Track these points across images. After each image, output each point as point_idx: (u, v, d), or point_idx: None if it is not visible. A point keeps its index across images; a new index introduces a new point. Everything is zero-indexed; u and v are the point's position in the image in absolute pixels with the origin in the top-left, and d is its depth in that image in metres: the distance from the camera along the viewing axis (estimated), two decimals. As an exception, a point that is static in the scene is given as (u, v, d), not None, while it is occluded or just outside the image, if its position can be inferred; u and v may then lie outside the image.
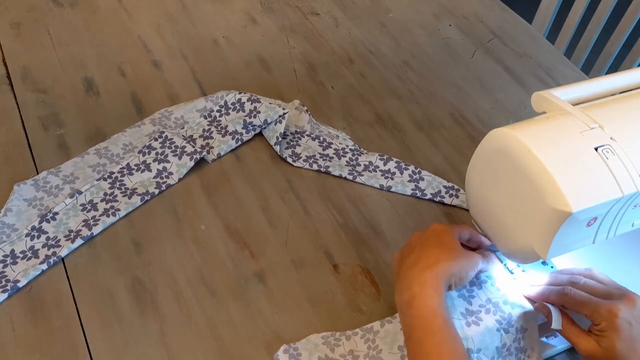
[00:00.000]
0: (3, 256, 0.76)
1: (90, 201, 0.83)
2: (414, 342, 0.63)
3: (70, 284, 0.76)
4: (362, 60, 1.11)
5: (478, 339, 0.67)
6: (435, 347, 0.62)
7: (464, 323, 0.68)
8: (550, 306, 0.67)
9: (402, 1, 1.25)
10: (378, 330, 0.73)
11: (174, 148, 0.89)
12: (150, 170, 0.87)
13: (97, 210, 0.82)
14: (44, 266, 0.76)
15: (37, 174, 0.86)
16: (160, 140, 0.90)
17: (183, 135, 0.92)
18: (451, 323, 0.64)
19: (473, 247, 0.74)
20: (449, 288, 0.67)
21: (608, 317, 0.63)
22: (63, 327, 0.72)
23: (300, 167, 0.91)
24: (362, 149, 0.94)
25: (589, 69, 1.39)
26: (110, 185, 0.85)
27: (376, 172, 0.91)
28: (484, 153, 0.68)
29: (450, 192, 0.90)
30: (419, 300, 0.64)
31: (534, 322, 0.70)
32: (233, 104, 0.96)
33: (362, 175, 0.90)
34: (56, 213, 0.81)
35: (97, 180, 0.85)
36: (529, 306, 0.70)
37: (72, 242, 0.78)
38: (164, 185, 0.86)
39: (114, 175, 0.86)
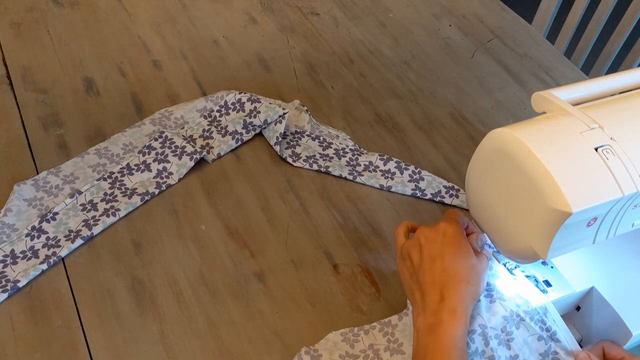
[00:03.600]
0: (3, 256, 0.76)
1: (90, 201, 0.83)
2: None
3: (70, 284, 0.76)
4: (362, 60, 1.11)
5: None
6: None
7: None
8: None
9: (402, 1, 1.25)
10: (396, 324, 0.73)
11: (174, 148, 0.89)
12: (150, 170, 0.87)
13: (97, 210, 0.82)
14: (44, 266, 0.76)
15: (37, 174, 0.86)
16: (160, 140, 0.90)
17: (183, 135, 0.92)
18: (467, 356, 0.63)
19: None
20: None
21: None
22: (63, 327, 0.72)
23: (300, 167, 0.91)
24: (362, 149, 0.94)
25: (589, 69, 1.39)
26: (110, 185, 0.85)
27: (376, 172, 0.91)
28: (484, 153, 0.68)
29: (450, 192, 0.90)
30: (444, 326, 0.63)
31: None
32: (233, 104, 0.96)
33: (362, 175, 0.90)
34: (56, 213, 0.81)
35: (97, 180, 0.85)
36: (526, 299, 0.70)
37: (72, 242, 0.78)
38: (164, 185, 0.86)
39: (114, 175, 0.86)
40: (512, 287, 0.71)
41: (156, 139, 0.90)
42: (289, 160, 0.91)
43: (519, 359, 0.67)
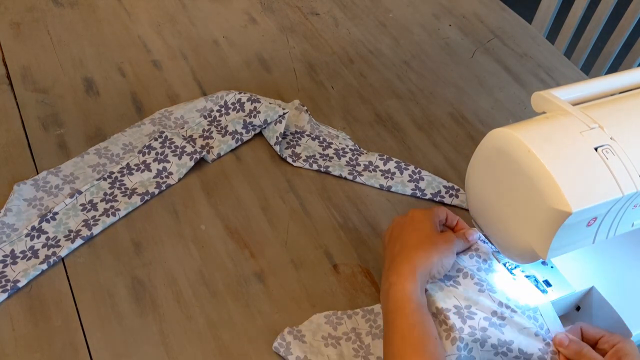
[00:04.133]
0: (3, 256, 0.76)
1: (90, 201, 0.83)
2: (389, 326, 0.66)
3: (70, 284, 0.76)
4: (362, 60, 1.11)
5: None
6: (407, 328, 0.64)
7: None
8: None
9: (402, 1, 1.25)
10: (379, 312, 0.74)
11: (174, 148, 0.89)
12: (150, 170, 0.87)
13: (97, 210, 0.82)
14: (44, 266, 0.76)
15: (37, 174, 0.86)
16: (160, 140, 0.90)
17: (183, 135, 0.92)
18: (425, 309, 0.66)
19: (451, 226, 0.77)
20: (433, 278, 0.69)
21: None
22: (63, 327, 0.72)
23: (300, 167, 0.91)
24: (362, 149, 0.94)
25: (589, 69, 1.39)
26: (110, 185, 0.85)
27: (376, 172, 0.91)
28: (483, 153, 0.68)
29: (450, 192, 0.90)
30: (395, 287, 0.67)
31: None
32: (233, 104, 0.96)
33: (362, 175, 0.90)
34: (56, 213, 0.81)
35: (97, 180, 0.85)
36: (529, 305, 0.70)
37: (72, 242, 0.78)
38: (164, 185, 0.86)
39: (114, 175, 0.86)
40: (510, 287, 0.71)
41: (156, 139, 0.90)
42: (289, 160, 0.91)
43: (513, 344, 0.66)
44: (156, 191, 0.85)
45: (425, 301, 0.67)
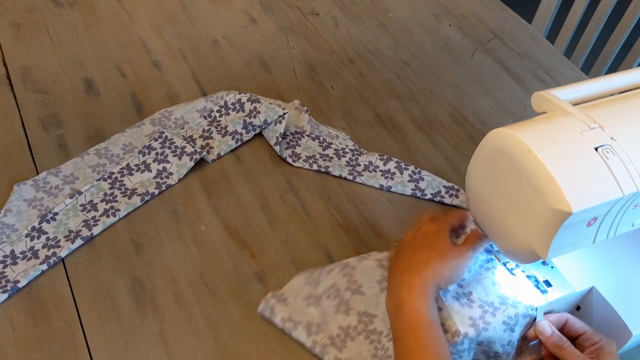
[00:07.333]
0: (3, 256, 0.76)
1: (90, 201, 0.83)
2: (400, 345, 0.64)
3: (70, 284, 0.76)
4: (362, 60, 1.11)
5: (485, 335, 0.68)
6: (419, 349, 0.63)
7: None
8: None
9: (402, 1, 1.25)
10: (355, 266, 0.76)
11: (173, 148, 0.89)
12: (150, 171, 0.87)
13: (97, 210, 0.82)
14: (44, 266, 0.76)
15: (37, 174, 0.86)
16: (160, 140, 0.90)
17: (183, 136, 0.92)
18: (437, 326, 0.64)
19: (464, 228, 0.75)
20: (440, 288, 0.68)
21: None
22: (63, 327, 0.72)
23: (300, 167, 0.91)
24: (362, 149, 0.94)
25: (589, 69, 1.39)
26: (110, 186, 0.85)
27: (376, 172, 0.91)
28: (484, 153, 0.68)
29: (450, 192, 0.90)
30: (406, 304, 0.64)
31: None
32: (233, 104, 0.96)
33: (362, 175, 0.90)
34: (56, 213, 0.81)
35: (97, 180, 0.85)
36: (527, 304, 0.70)
37: (72, 242, 0.78)
38: (163, 186, 0.86)
39: (113, 176, 0.86)
40: (510, 285, 0.71)
41: (156, 139, 0.90)
42: (289, 160, 0.91)
43: (472, 295, 0.68)
44: (156, 191, 0.85)
45: (437, 315, 0.65)
